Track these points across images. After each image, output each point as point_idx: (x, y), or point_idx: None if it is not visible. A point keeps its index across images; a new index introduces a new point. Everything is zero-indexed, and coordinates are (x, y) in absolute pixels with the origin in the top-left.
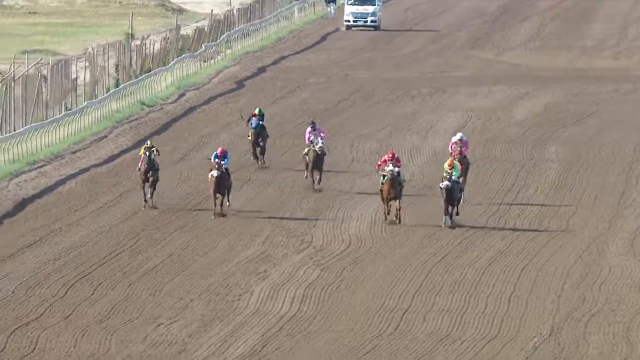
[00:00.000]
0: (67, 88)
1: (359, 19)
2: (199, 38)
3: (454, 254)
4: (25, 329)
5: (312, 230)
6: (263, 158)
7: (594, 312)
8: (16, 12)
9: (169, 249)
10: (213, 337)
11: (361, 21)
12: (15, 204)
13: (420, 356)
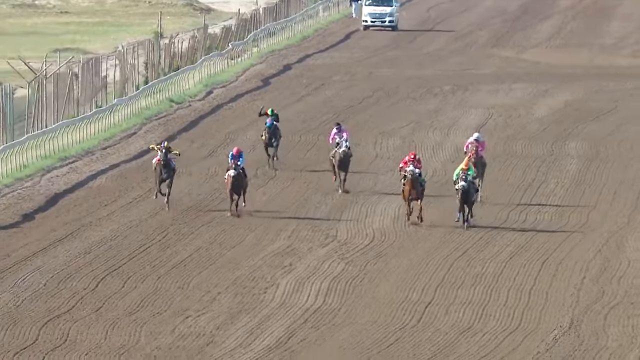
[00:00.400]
0: (98, 86)
1: (377, 20)
2: (226, 37)
3: (476, 248)
4: (57, 321)
5: (336, 225)
6: (276, 158)
7: (613, 305)
8: (48, 11)
9: (196, 243)
10: (240, 329)
11: (379, 22)
12: (47, 199)
13: (442, 348)
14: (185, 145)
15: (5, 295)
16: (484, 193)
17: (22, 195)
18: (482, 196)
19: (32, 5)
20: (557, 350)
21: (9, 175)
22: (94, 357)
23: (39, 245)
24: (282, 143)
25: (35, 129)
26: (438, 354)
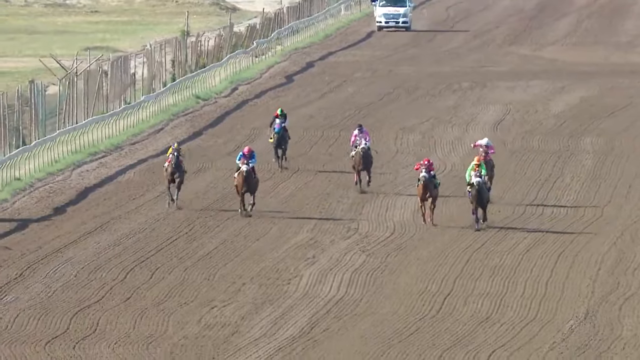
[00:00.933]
0: (126, 83)
1: (391, 20)
2: (251, 35)
3: (493, 240)
4: (87, 311)
5: (358, 218)
6: (285, 160)
7: (628, 296)
8: (79, 10)
9: (222, 235)
10: (264, 319)
11: (392, 22)
12: (77, 193)
13: (461, 338)
14: (211, 140)
15: (37, 286)
16: (494, 193)
17: (54, 189)
18: (493, 195)
19: (63, 5)
20: (573, 340)
21: (41, 169)
22: (123, 346)
23: (70, 237)
24: (303, 139)
25: (66, 125)
26: (457, 344)
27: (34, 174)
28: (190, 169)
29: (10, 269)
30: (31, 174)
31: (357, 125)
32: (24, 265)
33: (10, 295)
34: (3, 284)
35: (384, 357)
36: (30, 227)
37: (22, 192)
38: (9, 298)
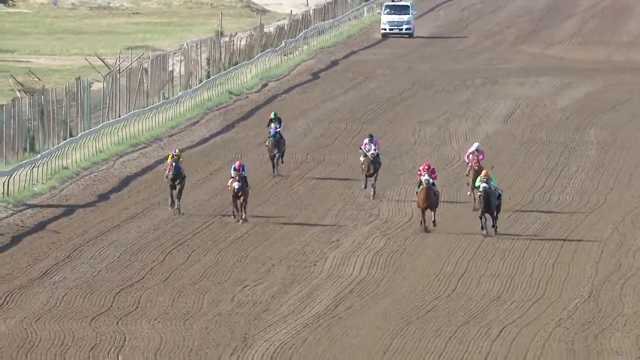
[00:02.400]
0: (165, 79)
1: (395, 27)
2: (279, 35)
3: (504, 225)
4: (129, 290)
5: (379, 205)
6: (280, 166)
7: (629, 276)
8: (121, 12)
9: (253, 220)
10: (292, 298)
11: (397, 29)
12: (120, 181)
13: (474, 315)
14: (242, 133)
15: (83, 267)
16: (504, 183)
17: (98, 177)
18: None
19: (107, 7)
20: (578, 317)
21: (87, 159)
22: (162, 322)
23: (113, 222)
24: (328, 131)
25: (110, 118)
26: (470, 321)
27: (80, 164)
28: (224, 159)
29: (59, 251)
30: (78, 163)
31: (368, 135)
32: (71, 247)
33: (58, 275)
34: (52, 265)
35: (402, 333)
36: (76, 212)
37: (70, 180)
38: (58, 278)
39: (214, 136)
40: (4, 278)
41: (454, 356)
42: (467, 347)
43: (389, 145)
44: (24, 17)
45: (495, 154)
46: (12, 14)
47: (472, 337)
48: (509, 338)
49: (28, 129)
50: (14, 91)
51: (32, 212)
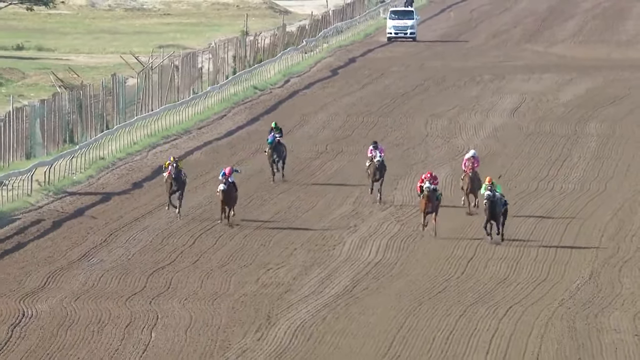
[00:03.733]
0: (194, 76)
1: (400, 32)
2: (301, 34)
3: (511, 211)
4: (162, 272)
5: (393, 192)
6: (282, 172)
7: (627, 259)
8: (154, 14)
9: (276, 207)
10: (313, 279)
11: (401, 33)
12: (153, 170)
13: (482, 295)
14: (266, 125)
15: (119, 250)
16: (509, 175)
17: (133, 167)
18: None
19: (140, 9)
20: (579, 297)
21: (122, 150)
22: (192, 302)
23: (146, 208)
24: (346, 124)
25: (143, 112)
26: (479, 301)
27: (115, 154)
28: (249, 150)
29: (96, 236)
30: (113, 154)
31: (373, 142)
32: (107, 232)
33: (95, 257)
34: (90, 248)
35: (415, 312)
36: (112, 199)
37: (106, 170)
38: (95, 260)
39: (240, 128)
40: (45, 260)
41: (463, 334)
42: (476, 326)
43: (403, 137)
44: (64, 18)
45: (502, 145)
46: (54, 15)
47: (480, 316)
48: (515, 317)
49: (68, 122)
50: (55, 87)
51: (72, 199)
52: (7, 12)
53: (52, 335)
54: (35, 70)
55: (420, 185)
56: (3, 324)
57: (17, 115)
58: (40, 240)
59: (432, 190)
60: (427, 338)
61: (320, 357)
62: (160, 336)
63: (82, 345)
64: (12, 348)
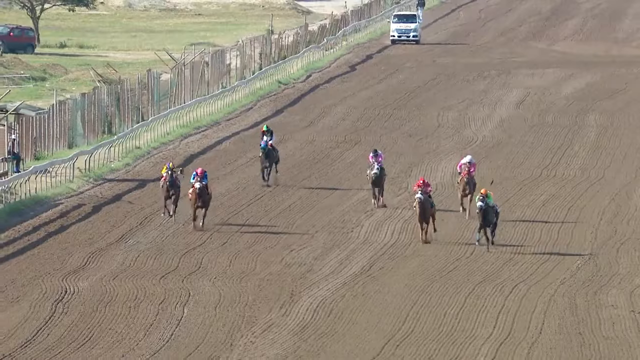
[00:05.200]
0: (223, 71)
1: (403, 35)
2: (322, 33)
3: (517, 196)
4: (193, 252)
5: (407, 179)
6: (274, 176)
7: (624, 241)
8: (186, 14)
9: (299, 193)
10: (333, 260)
11: (404, 36)
12: (185, 159)
13: (489, 274)
14: (290, 117)
15: (153, 232)
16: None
17: (166, 155)
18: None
19: (174, 10)
20: (579, 276)
21: (156, 140)
22: (221, 280)
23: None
24: (364, 116)
25: (176, 105)
26: (487, 279)
27: (150, 144)
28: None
29: (133, 219)
30: (148, 143)
31: (373, 150)
32: (143, 216)
33: (132, 239)
34: (127, 230)
35: (428, 290)
36: (147, 185)
37: (142, 158)
38: (132, 242)
39: (265, 120)
40: (86, 242)
41: (472, 310)
42: (484, 302)
43: (416, 128)
44: (103, 18)
45: (508, 136)
46: (93, 15)
47: (488, 293)
48: (520, 294)
49: (106, 114)
50: (95, 81)
51: (110, 185)
52: (51, 13)
53: (92, 310)
54: (77, 67)
55: (415, 190)
56: (47, 300)
57: (60, 108)
58: (81, 224)
59: (424, 201)
60: (438, 314)
61: (339, 331)
62: (191, 312)
63: (119, 320)
64: (56, 322)
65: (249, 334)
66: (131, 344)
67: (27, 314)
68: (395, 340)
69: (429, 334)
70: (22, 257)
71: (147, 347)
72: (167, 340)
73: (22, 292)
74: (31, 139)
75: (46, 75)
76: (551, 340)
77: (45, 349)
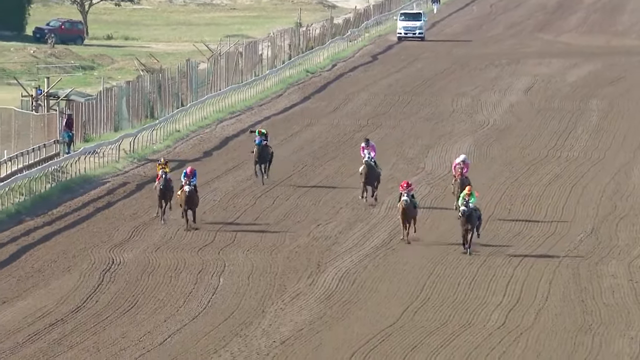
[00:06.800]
0: (255, 61)
1: (409, 32)
2: (346, 25)
3: (525, 175)
4: (228, 227)
5: (424, 159)
6: (266, 174)
7: (623, 216)
8: (222, 8)
9: (325, 172)
10: (356, 234)
11: (410, 33)
12: (220, 141)
13: (499, 247)
14: (316, 103)
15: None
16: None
17: (203, 138)
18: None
19: (210, 4)
20: (582, 248)
21: (194, 124)
22: (253, 253)
23: (215, 173)
24: (384, 102)
25: (212, 92)
26: (496, 252)
27: (189, 127)
28: (301, 124)
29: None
30: (187, 127)
31: (364, 139)
32: None
33: (172, 214)
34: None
35: (443, 261)
36: (186, 165)
37: (181, 141)
38: (172, 217)
39: (294, 106)
40: (130, 217)
41: (484, 280)
42: (494, 272)
43: (433, 113)
44: (146, 13)
45: (517, 119)
46: (137, 10)
47: (498, 264)
48: (528, 265)
49: (149, 100)
50: (138, 70)
51: (152, 165)
52: (98, 7)
53: (137, 279)
54: (122, 57)
55: (400, 193)
56: (96, 270)
57: (107, 95)
58: (126, 200)
59: (409, 202)
60: (452, 283)
61: (362, 299)
62: (226, 281)
63: (161, 288)
64: (104, 290)
65: (279, 302)
66: (172, 310)
67: (78, 282)
68: (414, 307)
69: (444, 301)
70: (73, 230)
71: (187, 313)
72: (204, 307)
73: (73, 262)
74: (81, 122)
75: (94, 64)
76: (556, 307)
77: (94, 314)
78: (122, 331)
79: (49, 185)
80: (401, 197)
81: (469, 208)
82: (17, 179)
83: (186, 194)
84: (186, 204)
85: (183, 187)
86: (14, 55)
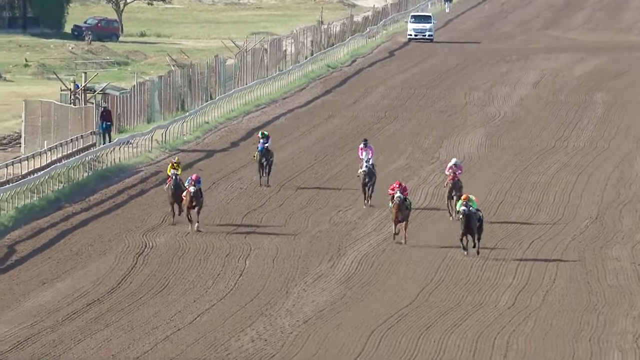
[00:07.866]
0: (279, 56)
1: (419, 34)
2: (365, 23)
3: (534, 164)
4: (253, 213)
5: (439, 149)
6: (268, 178)
7: (626, 202)
8: (248, 7)
9: (345, 161)
10: (374, 219)
11: (420, 35)
12: (246, 132)
13: (510, 232)
14: (337, 96)
15: (220, 195)
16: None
17: (231, 129)
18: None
19: (237, 3)
20: (588, 233)
21: (222, 116)
22: (278, 238)
23: (241, 162)
24: (401, 95)
25: (239, 86)
26: (508, 236)
27: (217, 119)
28: (322, 115)
29: (203, 184)
30: (215, 119)
31: (363, 140)
32: (211, 181)
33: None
34: None
35: (458, 244)
36: (215, 155)
37: (210, 132)
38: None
39: (316, 99)
40: (162, 203)
41: (495, 262)
42: (505, 256)
43: (447, 105)
44: (177, 11)
45: (526, 112)
46: (169, 8)
47: (509, 247)
48: (537, 249)
49: (180, 93)
50: (170, 65)
51: (183, 154)
52: (132, 6)
53: (168, 262)
54: (155, 52)
55: (392, 194)
56: (130, 253)
57: (140, 89)
58: (158, 188)
59: (402, 200)
60: (465, 265)
61: (380, 280)
62: (252, 264)
63: (191, 270)
64: (137, 272)
65: (302, 283)
66: (201, 291)
67: (113, 264)
68: (429, 288)
69: (458, 283)
70: (108, 216)
71: (215, 294)
72: (231, 288)
73: (108, 246)
74: (115, 115)
75: (128, 60)
76: (563, 288)
77: (129, 294)
78: (154, 311)
79: (86, 173)
80: (394, 196)
81: (468, 208)
82: (57, 167)
83: (191, 194)
84: (191, 202)
85: (188, 189)
86: (53, 52)
